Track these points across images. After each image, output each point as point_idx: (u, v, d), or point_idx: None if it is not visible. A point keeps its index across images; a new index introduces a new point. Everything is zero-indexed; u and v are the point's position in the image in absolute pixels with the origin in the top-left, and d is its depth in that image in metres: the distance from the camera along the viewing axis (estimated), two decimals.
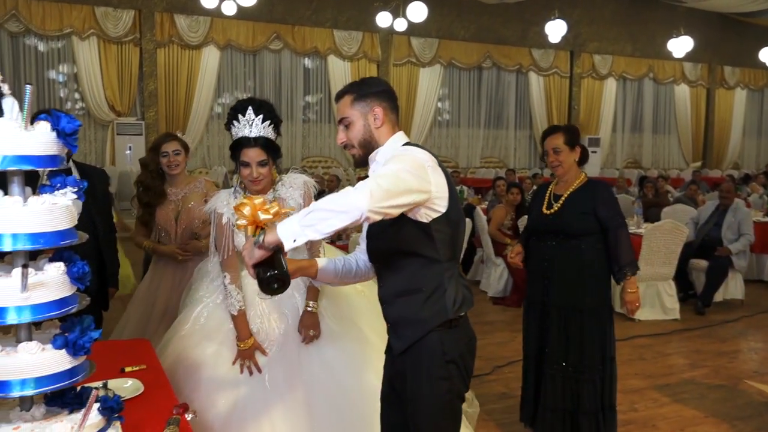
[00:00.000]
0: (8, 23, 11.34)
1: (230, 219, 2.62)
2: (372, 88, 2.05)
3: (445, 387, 2.01)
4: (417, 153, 1.91)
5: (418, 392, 2.01)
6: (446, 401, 2.03)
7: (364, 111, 2.01)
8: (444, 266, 1.98)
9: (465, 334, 2.05)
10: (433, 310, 1.98)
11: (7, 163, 1.49)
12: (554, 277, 3.32)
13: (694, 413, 3.97)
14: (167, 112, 12.60)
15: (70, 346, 1.59)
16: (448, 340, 2.00)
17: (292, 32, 13.36)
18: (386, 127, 2.04)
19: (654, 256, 5.96)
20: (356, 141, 2.03)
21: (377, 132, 2.02)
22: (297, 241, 1.70)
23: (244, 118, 2.52)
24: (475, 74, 15.54)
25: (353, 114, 2.02)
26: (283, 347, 2.66)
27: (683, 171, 16.91)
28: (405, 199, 1.78)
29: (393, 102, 2.08)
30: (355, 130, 2.02)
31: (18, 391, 1.54)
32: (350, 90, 2.05)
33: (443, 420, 2.04)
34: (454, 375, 2.02)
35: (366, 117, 2.01)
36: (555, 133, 3.33)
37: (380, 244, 2.04)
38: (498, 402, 4.07)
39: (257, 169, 2.54)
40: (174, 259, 3.57)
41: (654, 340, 5.47)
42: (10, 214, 1.49)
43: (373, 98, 2.02)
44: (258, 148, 2.52)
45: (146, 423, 1.88)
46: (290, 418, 2.52)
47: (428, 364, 2.00)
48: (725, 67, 18.04)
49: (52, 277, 1.57)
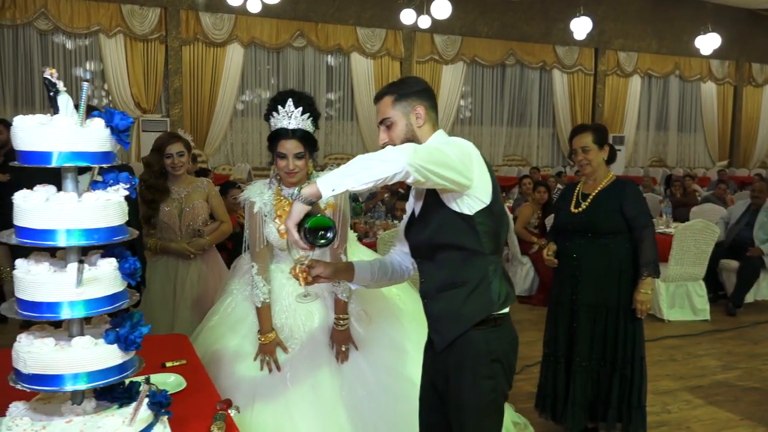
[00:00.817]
0: (37, 21, 11.49)
1: (262, 209, 2.63)
2: (413, 87, 2.05)
3: (490, 386, 2.00)
4: (464, 142, 1.92)
5: (461, 391, 2.00)
6: (490, 400, 2.02)
7: (405, 111, 2.02)
8: (488, 259, 1.98)
9: (509, 332, 2.04)
10: (478, 304, 1.98)
11: (62, 159, 1.51)
12: (583, 275, 3.33)
13: (729, 416, 3.91)
14: (192, 109, 12.68)
15: (122, 341, 1.61)
16: (493, 338, 1.99)
17: (316, 30, 13.38)
18: (427, 125, 2.04)
19: (685, 255, 5.88)
20: (399, 141, 2.02)
21: (419, 131, 2.02)
22: (335, 190, 1.68)
23: (284, 110, 2.53)
24: (499, 72, 15.44)
25: (395, 114, 2.02)
26: (307, 346, 2.63)
27: (709, 170, 16.66)
28: (445, 171, 1.78)
29: (433, 101, 2.08)
30: (397, 130, 2.02)
31: (72, 384, 1.56)
32: (391, 90, 2.05)
33: (487, 419, 2.03)
34: (498, 374, 2.01)
35: (408, 117, 2.02)
36: (584, 132, 3.34)
37: (423, 238, 2.03)
38: (528, 401, 4.04)
39: (294, 161, 2.54)
40: (184, 256, 3.61)
41: (684, 341, 5.40)
42: (65, 210, 1.51)
43: (414, 97, 2.02)
44: (295, 140, 2.52)
45: (191, 419, 1.88)
46: (311, 418, 2.49)
47: (473, 363, 1.99)
48: (753, 64, 17.71)
49: (105, 272, 1.58)
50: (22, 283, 1.54)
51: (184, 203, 3.67)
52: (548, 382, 3.54)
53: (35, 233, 1.52)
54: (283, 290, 2.66)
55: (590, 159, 3.29)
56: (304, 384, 2.55)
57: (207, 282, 3.74)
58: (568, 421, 3.43)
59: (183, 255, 3.63)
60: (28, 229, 1.52)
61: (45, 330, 1.67)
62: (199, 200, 3.72)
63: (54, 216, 1.50)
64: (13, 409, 1.65)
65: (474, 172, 1.87)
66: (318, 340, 2.62)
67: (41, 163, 1.52)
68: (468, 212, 1.92)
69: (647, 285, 3.24)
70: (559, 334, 3.47)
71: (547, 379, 3.55)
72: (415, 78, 2.18)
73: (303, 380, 2.56)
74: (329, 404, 2.53)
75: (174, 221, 3.65)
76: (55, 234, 1.52)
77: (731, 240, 6.56)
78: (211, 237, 3.78)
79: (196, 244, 3.67)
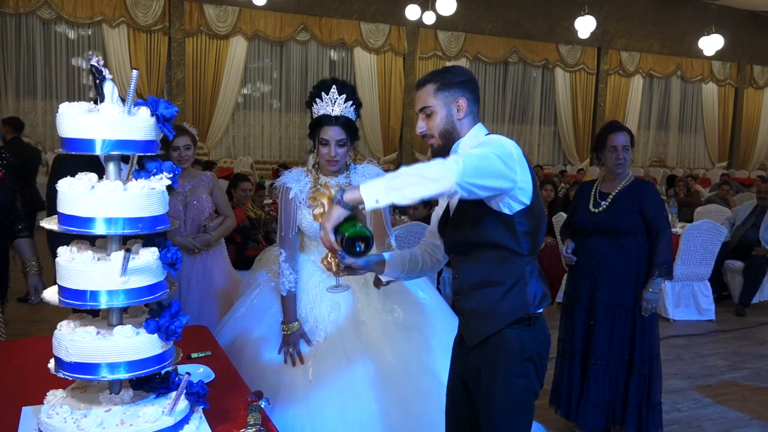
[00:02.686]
0: (40, 10, 11.42)
1: (297, 195, 2.62)
2: (457, 77, 1.99)
3: (523, 385, 1.97)
4: (506, 141, 1.85)
5: (494, 390, 1.97)
6: (522, 399, 1.99)
7: (447, 101, 1.96)
8: (526, 260, 1.95)
9: (542, 332, 2.02)
10: (513, 304, 1.95)
11: (109, 147, 1.50)
12: (602, 275, 3.33)
13: (739, 415, 3.93)
14: (194, 101, 12.64)
15: (163, 331, 1.60)
16: (527, 337, 1.97)
17: (319, 24, 13.34)
18: (468, 118, 1.99)
19: (691, 255, 5.90)
20: (437, 131, 1.98)
21: (459, 123, 1.97)
22: (379, 202, 1.65)
23: (327, 97, 2.51)
24: (501, 69, 15.44)
25: (436, 103, 1.97)
26: (332, 338, 2.60)
27: (709, 171, 16.72)
28: (492, 181, 1.74)
29: (476, 93, 2.02)
30: (437, 120, 1.97)
31: (113, 373, 1.56)
32: (434, 78, 1.99)
33: (519, 418, 2.00)
34: (531, 373, 1.98)
35: (449, 107, 1.96)
36: (623, 131, 3.34)
37: (461, 235, 2.01)
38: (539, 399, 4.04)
39: (336, 148, 2.53)
40: (189, 251, 3.59)
41: (690, 341, 5.42)
42: (111, 198, 1.50)
43: (457, 88, 1.97)
44: (339, 127, 2.51)
45: (224, 410, 1.88)
46: (331, 412, 2.45)
47: (506, 361, 1.96)
48: (755, 66, 17.76)
49: (148, 261, 1.58)
50: (65, 270, 1.54)
51: (188, 197, 3.65)
52: (563, 379, 3.54)
53: (80, 221, 1.51)
54: (311, 280, 2.64)
55: (627, 158, 3.32)
56: (326, 378, 2.53)
57: (213, 275, 3.72)
58: (580, 419, 3.44)
59: (188, 249, 3.60)
60: (73, 217, 1.52)
61: (84, 318, 1.67)
62: (204, 194, 3.69)
63: (99, 204, 1.50)
64: (51, 397, 1.65)
65: (517, 173, 1.81)
66: (344, 331, 2.59)
67: (86, 150, 1.51)
68: (508, 212, 1.89)
69: (656, 284, 3.25)
70: (576, 331, 3.46)
71: (563, 376, 3.55)
72: (460, 68, 2.09)
73: (326, 374, 2.53)
74: (351, 398, 2.50)
75: (179, 215, 3.63)
76: (99, 222, 1.51)
77: (737, 241, 6.59)
78: (216, 233, 3.75)
79: (202, 240, 3.63)
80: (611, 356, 3.33)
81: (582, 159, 16.08)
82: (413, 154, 14.44)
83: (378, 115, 14.06)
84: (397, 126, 14.33)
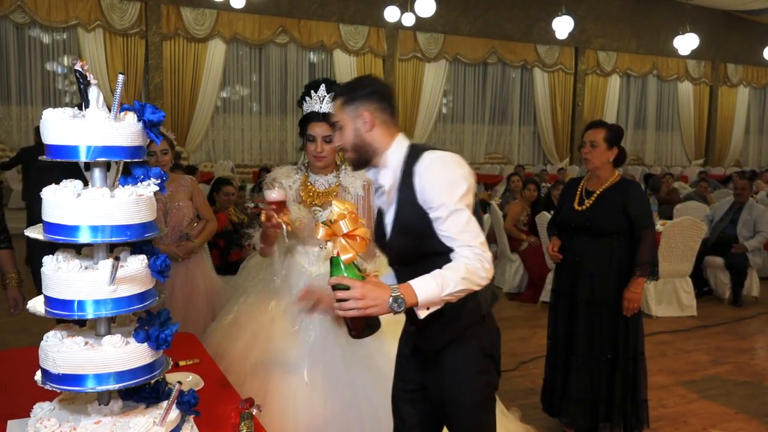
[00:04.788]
0: (14, 14, 11.24)
1: (286, 190, 2.65)
2: (359, 90, 1.94)
3: (485, 380, 2.02)
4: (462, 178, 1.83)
5: (458, 391, 1.98)
6: (486, 394, 2.04)
7: (352, 115, 1.92)
8: None
9: (494, 326, 2.06)
10: (467, 309, 1.94)
11: (94, 153, 1.47)
12: (584, 273, 3.33)
13: (724, 410, 3.97)
14: (172, 105, 12.51)
15: (153, 340, 1.57)
16: (482, 334, 2.01)
17: (298, 26, 13.29)
18: (380, 129, 1.93)
19: (672, 252, 5.97)
20: (348, 145, 1.95)
21: (369, 136, 1.92)
22: (430, 309, 1.76)
23: (316, 94, 2.60)
24: (480, 70, 15.52)
25: (343, 118, 1.94)
26: (322, 338, 2.59)
27: (686, 168, 16.95)
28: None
29: (384, 102, 1.95)
30: (346, 134, 1.94)
31: (102, 384, 1.52)
32: (340, 92, 1.98)
33: (484, 412, 2.05)
34: (490, 368, 2.04)
35: (355, 121, 1.92)
36: (598, 127, 3.33)
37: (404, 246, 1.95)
38: (526, 398, 4.06)
39: (322, 144, 2.60)
40: (172, 258, 3.53)
41: (674, 337, 5.48)
42: (97, 206, 1.47)
43: (360, 101, 1.92)
44: (325, 124, 2.56)
45: (215, 418, 1.86)
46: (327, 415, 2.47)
47: (467, 361, 1.98)
48: (728, 64, 18.05)
49: (136, 269, 1.54)
50: (51, 280, 1.50)
51: (168, 203, 3.59)
52: (549, 377, 3.56)
53: (65, 229, 1.47)
54: (301, 279, 2.64)
55: (594, 156, 3.28)
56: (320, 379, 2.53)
57: (195, 280, 3.68)
58: (563, 418, 3.46)
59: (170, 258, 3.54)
60: (58, 225, 1.48)
61: (70, 329, 1.63)
62: (184, 200, 3.62)
63: (86, 211, 1.46)
64: (38, 410, 1.61)
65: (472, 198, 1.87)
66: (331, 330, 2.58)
67: (71, 157, 1.48)
68: None
69: (638, 284, 3.25)
70: (558, 329, 3.48)
71: (548, 374, 3.57)
72: (367, 78, 2.02)
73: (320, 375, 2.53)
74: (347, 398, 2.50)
75: (159, 221, 3.56)
76: (85, 230, 1.47)
77: (716, 237, 6.68)
78: (199, 239, 3.70)
79: (185, 248, 3.58)
80: (592, 355, 3.33)
81: (562, 158, 16.21)
82: None
83: None
84: None
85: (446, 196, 1.80)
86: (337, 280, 1.70)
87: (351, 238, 1.73)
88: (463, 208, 1.80)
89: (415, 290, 1.72)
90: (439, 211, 1.80)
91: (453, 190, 1.80)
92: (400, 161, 1.92)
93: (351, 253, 1.72)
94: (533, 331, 5.37)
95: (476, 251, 1.79)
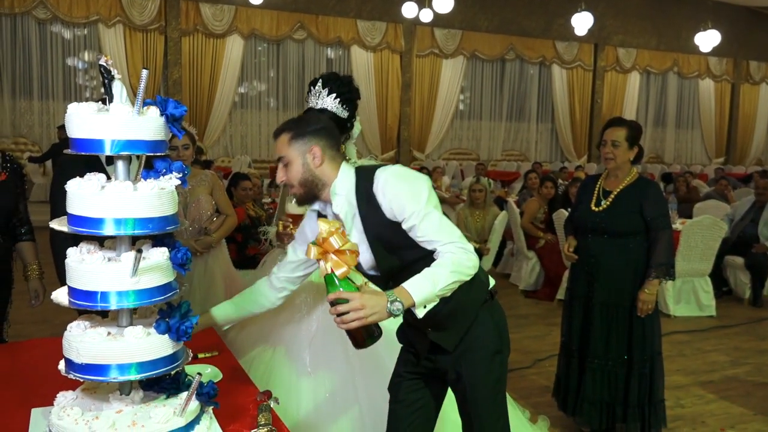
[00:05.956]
0: (36, 10, 11.39)
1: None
2: (310, 126, 1.96)
3: (500, 360, 2.07)
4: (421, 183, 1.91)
5: (476, 373, 2.02)
6: (501, 376, 2.08)
7: (301, 150, 1.92)
8: None
9: (499, 305, 2.12)
10: (476, 290, 2.01)
11: (119, 147, 1.49)
12: (600, 274, 3.31)
13: (742, 410, 3.93)
14: (191, 100, 12.60)
15: (173, 332, 1.59)
16: (495, 310, 2.08)
17: (316, 22, 13.32)
18: (328, 164, 1.94)
19: (692, 252, 5.91)
20: (296, 180, 1.95)
21: (318, 171, 1.94)
22: (427, 307, 1.79)
23: (314, 90, 2.58)
24: (498, 66, 15.45)
25: (291, 153, 1.93)
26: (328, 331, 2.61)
27: (706, 167, 16.75)
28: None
29: (333, 139, 1.99)
30: (293, 170, 1.94)
31: (124, 374, 1.55)
32: (287, 128, 1.96)
33: (499, 394, 2.10)
34: (504, 346, 2.09)
35: (304, 156, 1.93)
36: (620, 126, 3.28)
37: (388, 263, 1.97)
38: (542, 395, 4.06)
39: None
40: (191, 253, 3.56)
41: (692, 337, 5.43)
42: (121, 198, 1.49)
43: (311, 137, 1.93)
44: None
45: (233, 410, 1.88)
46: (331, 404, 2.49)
47: (483, 342, 2.03)
48: (751, 62, 17.80)
49: (158, 262, 1.57)
50: (75, 272, 1.53)
51: (188, 197, 3.61)
52: (562, 375, 3.54)
53: (89, 221, 1.50)
54: None
55: (617, 154, 3.24)
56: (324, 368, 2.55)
57: (213, 274, 3.71)
58: (577, 417, 3.44)
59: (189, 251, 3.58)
60: (82, 218, 1.51)
61: (93, 319, 1.66)
62: (204, 194, 3.64)
63: (109, 204, 1.49)
64: (62, 399, 1.64)
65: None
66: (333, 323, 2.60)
67: (95, 150, 1.51)
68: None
69: (653, 286, 3.20)
70: (573, 329, 3.46)
71: (561, 372, 3.55)
72: (315, 115, 2.14)
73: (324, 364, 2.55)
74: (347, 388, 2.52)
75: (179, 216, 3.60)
76: (109, 222, 1.50)
77: (736, 237, 6.60)
78: (218, 234, 3.72)
79: (204, 242, 3.61)
80: (609, 356, 3.30)
81: (579, 156, 16.10)
82: (411, 152, 14.44)
83: (375, 113, 14.07)
84: (395, 124, 14.32)
85: (414, 204, 1.85)
86: (335, 296, 1.72)
87: (341, 254, 1.75)
88: (432, 210, 1.86)
89: (410, 291, 1.76)
90: (412, 219, 1.86)
91: (418, 197, 1.86)
92: (351, 187, 1.94)
93: (344, 268, 1.73)
94: (549, 329, 5.35)
95: (457, 245, 1.84)
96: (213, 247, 3.71)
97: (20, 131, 11.83)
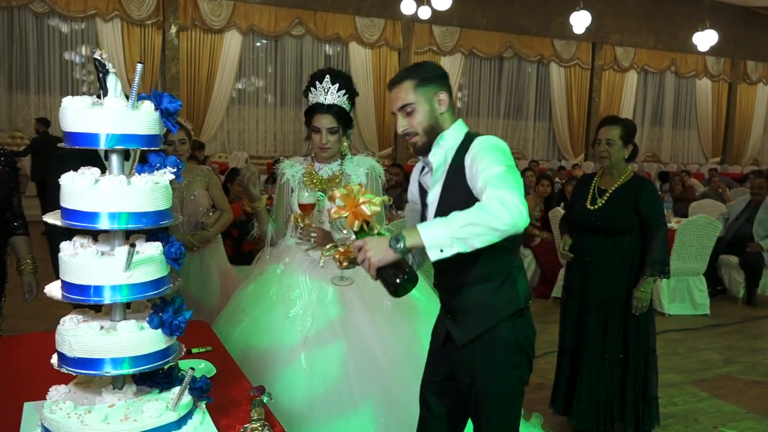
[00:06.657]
0: (33, 4, 11.34)
1: (290, 180, 2.75)
2: (434, 71, 1.99)
3: (517, 375, 2.01)
4: (503, 145, 1.89)
5: (490, 383, 1.99)
6: (516, 390, 2.04)
7: (428, 96, 1.94)
8: (513, 254, 1.99)
9: (531, 322, 2.05)
10: (505, 299, 1.96)
11: (113, 141, 1.49)
12: (595, 272, 3.32)
13: (735, 408, 3.96)
14: (188, 96, 12.58)
15: (167, 326, 1.60)
16: (520, 328, 1.99)
17: (314, 18, 13.30)
18: (448, 113, 1.98)
19: (686, 250, 5.93)
20: (421, 128, 1.95)
21: (441, 118, 1.96)
22: (444, 252, 1.67)
23: (321, 85, 2.59)
24: (496, 64, 15.45)
25: (417, 99, 1.94)
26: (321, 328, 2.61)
27: (702, 166, 16.78)
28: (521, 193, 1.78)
29: (450, 87, 2.03)
30: (419, 117, 1.94)
31: (116, 369, 1.55)
32: (410, 75, 1.96)
33: (512, 409, 2.05)
34: (524, 363, 2.02)
35: (431, 102, 1.94)
36: (614, 124, 3.30)
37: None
38: (535, 393, 4.05)
39: (327, 135, 2.61)
40: (187, 247, 3.56)
41: (686, 335, 5.45)
42: (114, 193, 1.49)
43: (437, 82, 1.96)
44: (330, 116, 2.58)
45: (226, 405, 1.88)
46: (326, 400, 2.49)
47: (501, 354, 1.98)
48: (748, 61, 17.83)
49: (152, 256, 1.57)
50: (68, 266, 1.52)
51: (185, 192, 3.61)
52: (558, 375, 3.55)
53: (83, 215, 1.50)
54: (301, 267, 2.67)
55: (611, 153, 3.26)
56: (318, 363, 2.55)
57: (209, 269, 3.71)
58: (573, 418, 3.44)
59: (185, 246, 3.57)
60: (76, 212, 1.50)
61: (86, 314, 1.66)
62: (200, 189, 3.64)
63: (103, 198, 1.49)
64: (54, 393, 1.64)
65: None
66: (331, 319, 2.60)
67: (90, 144, 1.50)
68: None
69: (647, 284, 3.22)
70: (567, 327, 3.47)
71: (557, 372, 3.56)
72: (433, 63, 2.10)
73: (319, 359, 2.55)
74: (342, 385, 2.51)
75: (176, 211, 3.59)
76: (103, 216, 1.50)
77: (731, 236, 6.63)
78: (214, 228, 3.72)
79: (201, 237, 3.60)
80: (605, 355, 3.32)
81: (576, 154, 16.12)
82: (409, 149, 14.42)
83: (373, 110, 14.06)
84: (392, 121, 14.25)
85: (489, 159, 1.81)
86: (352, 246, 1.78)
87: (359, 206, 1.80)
88: (502, 165, 1.79)
89: (420, 230, 1.69)
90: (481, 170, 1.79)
91: (494, 152, 1.83)
92: (455, 143, 1.95)
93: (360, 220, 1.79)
94: (544, 327, 5.34)
95: (500, 194, 1.67)
96: (210, 242, 3.71)
97: (17, 125, 11.79)
